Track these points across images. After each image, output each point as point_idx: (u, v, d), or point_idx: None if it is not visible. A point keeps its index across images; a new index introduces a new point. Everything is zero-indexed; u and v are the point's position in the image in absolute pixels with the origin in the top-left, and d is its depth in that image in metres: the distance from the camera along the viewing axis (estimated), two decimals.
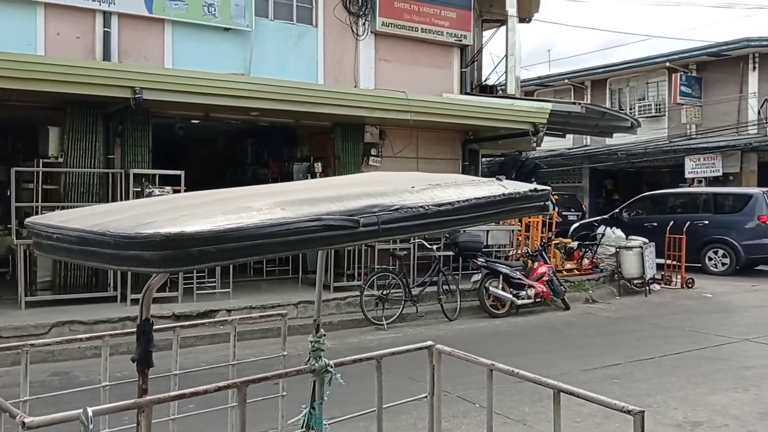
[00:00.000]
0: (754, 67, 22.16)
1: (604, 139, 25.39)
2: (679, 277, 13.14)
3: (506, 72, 13.42)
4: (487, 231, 11.22)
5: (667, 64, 23.85)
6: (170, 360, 3.25)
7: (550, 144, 26.42)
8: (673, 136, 23.93)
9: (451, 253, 10.52)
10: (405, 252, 10.11)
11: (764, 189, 15.35)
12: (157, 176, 9.37)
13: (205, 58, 10.53)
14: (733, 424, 5.29)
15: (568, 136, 26.43)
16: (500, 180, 2.30)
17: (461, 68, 13.16)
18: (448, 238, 10.31)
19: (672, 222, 13.69)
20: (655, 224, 15.24)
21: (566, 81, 27.58)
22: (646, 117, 24.84)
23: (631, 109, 24.97)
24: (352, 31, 12.09)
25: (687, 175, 23.10)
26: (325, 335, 2.92)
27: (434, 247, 9.92)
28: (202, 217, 1.66)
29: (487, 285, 9.95)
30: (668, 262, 13.49)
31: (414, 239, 10.20)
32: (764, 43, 21.45)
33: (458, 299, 9.85)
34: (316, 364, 2.78)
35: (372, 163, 11.54)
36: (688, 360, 7.41)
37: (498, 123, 11.51)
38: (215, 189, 2.43)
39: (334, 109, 10.10)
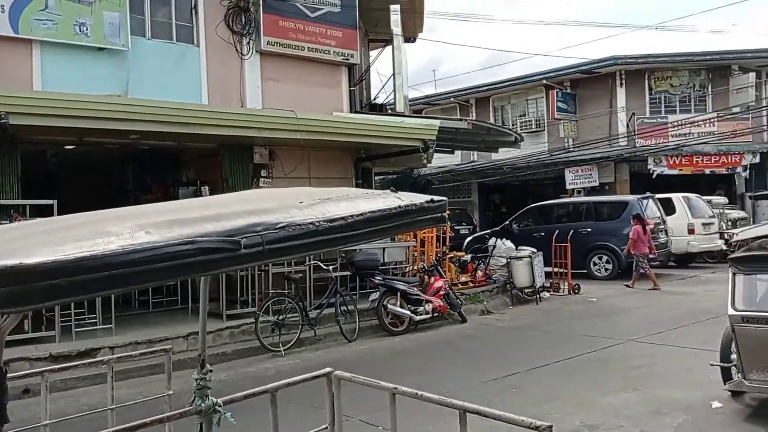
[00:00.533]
0: (622, 84, 23.74)
1: (490, 155, 26.26)
2: (566, 283, 13.68)
3: (394, 90, 13.54)
4: (383, 248, 11.18)
5: (544, 81, 25.08)
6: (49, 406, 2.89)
7: (440, 161, 27.03)
8: (553, 149, 25.12)
9: (348, 272, 10.37)
10: (300, 274, 9.86)
11: (638, 196, 16.34)
12: (27, 207, 8.63)
13: (78, 79, 9.86)
14: (626, 425, 5.45)
15: (456, 152, 27.20)
16: (395, 192, 2.18)
17: (350, 87, 13.15)
18: (345, 257, 10.16)
19: (557, 231, 14.27)
20: (543, 234, 15.84)
21: (452, 99, 28.39)
22: (528, 132, 25.95)
23: (513, 124, 26.01)
24: (237, 50, 11.78)
25: (568, 186, 24.30)
26: (211, 371, 2.67)
27: (330, 267, 9.73)
28: (49, 246, 1.41)
29: (385, 303, 9.88)
30: (555, 269, 14.03)
31: (309, 260, 9.98)
32: (629, 61, 23.03)
33: (357, 319, 9.71)
34: (203, 404, 2.52)
35: (262, 185, 11.21)
36: (581, 364, 7.63)
37: (389, 140, 11.55)
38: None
39: (220, 130, 9.74)
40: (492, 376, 7.17)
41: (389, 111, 14.32)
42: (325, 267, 9.72)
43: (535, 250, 13.39)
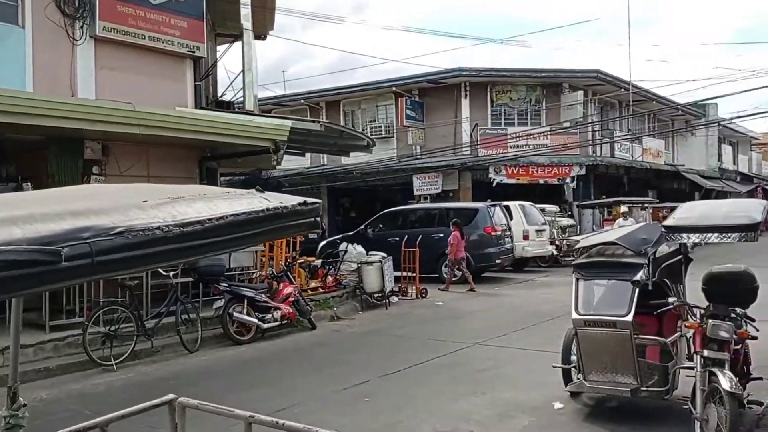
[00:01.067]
0: (466, 95, 24.78)
1: (340, 159, 26.29)
2: (414, 288, 13.90)
3: (244, 88, 13.00)
4: (229, 253, 10.62)
5: (394, 88, 25.55)
6: None
7: (290, 163, 26.57)
8: (401, 156, 25.65)
9: (190, 279, 9.72)
10: (136, 281, 9.06)
11: (488, 203, 17.01)
12: None
13: None
14: (477, 430, 5.49)
15: (306, 155, 26.93)
16: (261, 192, 1.85)
17: (195, 81, 12.41)
18: (187, 263, 9.51)
19: (406, 236, 14.46)
20: (397, 239, 16.07)
21: (302, 101, 28.07)
22: (378, 138, 26.20)
23: (363, 129, 26.19)
24: (68, 34, 10.65)
25: (415, 193, 24.90)
26: (25, 405, 2.18)
27: (171, 273, 9.05)
28: None
29: (230, 311, 9.37)
30: (405, 274, 14.22)
31: None
32: (473, 73, 24.10)
33: (199, 329, 9.12)
34: None
35: (94, 183, 10.22)
36: (431, 369, 7.68)
37: (238, 140, 11.00)
38: None
39: (47, 120, 8.69)
40: (344, 385, 6.99)
41: (237, 109, 13.74)
42: (164, 273, 9.02)
43: (385, 255, 13.45)
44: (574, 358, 6.04)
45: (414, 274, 14.01)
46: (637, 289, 5.30)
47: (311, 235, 23.45)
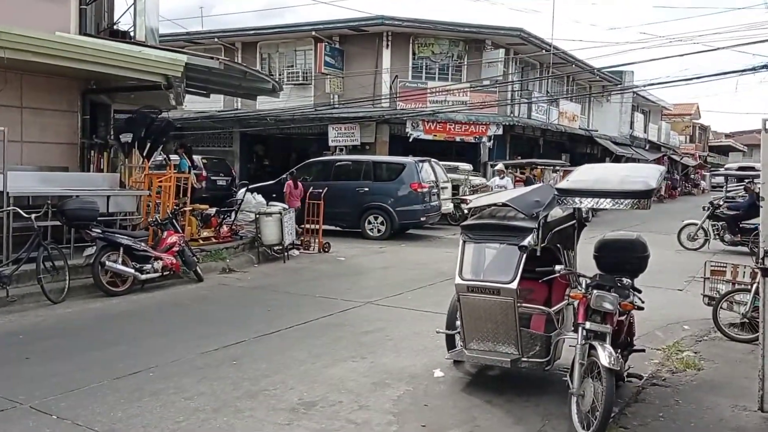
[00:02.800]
0: (388, 45, 23.99)
1: (254, 104, 25.13)
2: (317, 241, 13.37)
3: (135, 15, 11.81)
4: (108, 196, 9.70)
5: (314, 33, 24.44)
6: None
7: (201, 105, 25.22)
8: (318, 104, 24.72)
9: (58, 222, 8.79)
10: None
11: (416, 158, 16.36)
12: None
13: None
14: (346, 400, 5.04)
15: (218, 98, 25.57)
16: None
17: (81, 5, 11.14)
18: (54, 205, 8.58)
19: (327, 188, 13.85)
20: (320, 191, 15.49)
21: (216, 40, 26.47)
22: (294, 84, 25.28)
23: (280, 75, 25.10)
24: None
25: (330, 143, 24.14)
26: None
27: (32, 216, 8.10)
28: None
29: (102, 259, 8.54)
30: (308, 226, 13.64)
31: (6, 205, 8.25)
32: (396, 22, 23.27)
33: (67, 277, 8.27)
34: None
35: None
36: (314, 330, 7.19)
37: (121, 71, 9.91)
38: None
39: None
40: (214, 346, 6.40)
41: (132, 40, 12.51)
42: (25, 215, 8.07)
43: (286, 206, 12.81)
44: (458, 323, 5.67)
45: (317, 228, 13.44)
46: (524, 255, 4.92)
47: (219, 182, 22.67)
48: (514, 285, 4.89)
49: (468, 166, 21.02)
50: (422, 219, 15.79)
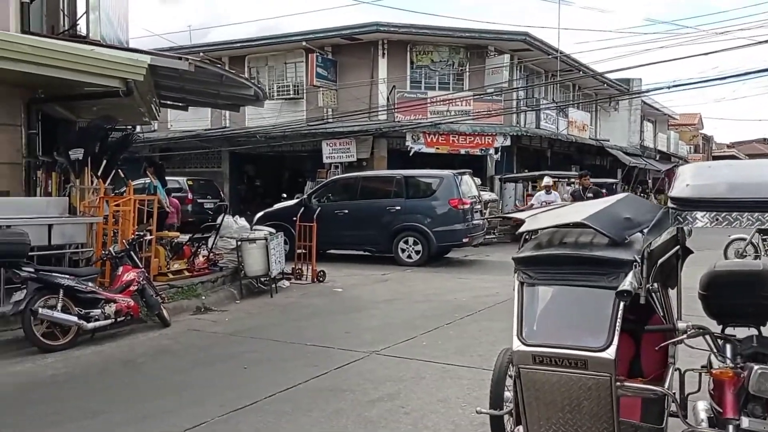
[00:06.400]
0: (384, 54, 22.36)
1: (244, 121, 23.55)
2: (310, 269, 11.58)
3: (87, 11, 10.07)
4: (50, 225, 7.87)
5: (305, 44, 22.84)
6: None
7: (186, 124, 23.67)
8: (311, 119, 23.07)
9: None
10: None
11: (455, 171, 14.43)
12: None
13: None
14: None
15: (206, 116, 23.94)
16: None
17: (22, 0, 9.43)
18: None
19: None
20: (346, 211, 13.77)
21: (202, 54, 24.78)
22: (285, 98, 23.66)
23: (270, 89, 23.44)
24: None
25: (325, 160, 22.47)
26: None
27: None
28: None
29: (35, 306, 6.71)
30: (301, 251, 11.86)
31: None
32: (392, 29, 21.66)
33: None
34: None
35: None
36: (302, 399, 5.34)
37: (66, 74, 8.11)
38: None
39: None
40: (160, 429, 4.56)
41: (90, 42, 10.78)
42: None
43: (273, 230, 11.01)
44: (508, 394, 3.86)
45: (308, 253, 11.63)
46: (623, 305, 3.12)
47: (207, 205, 20.87)
48: (611, 353, 3.07)
49: (477, 181, 19.23)
50: (464, 240, 13.68)
